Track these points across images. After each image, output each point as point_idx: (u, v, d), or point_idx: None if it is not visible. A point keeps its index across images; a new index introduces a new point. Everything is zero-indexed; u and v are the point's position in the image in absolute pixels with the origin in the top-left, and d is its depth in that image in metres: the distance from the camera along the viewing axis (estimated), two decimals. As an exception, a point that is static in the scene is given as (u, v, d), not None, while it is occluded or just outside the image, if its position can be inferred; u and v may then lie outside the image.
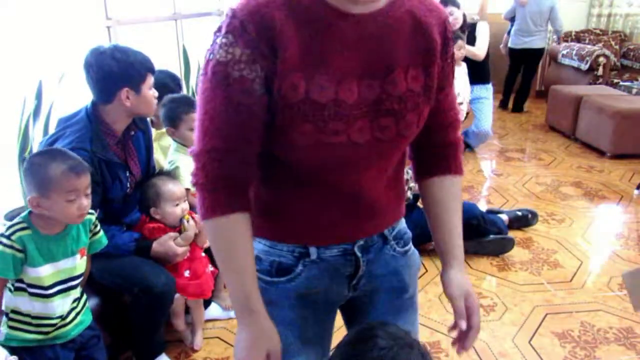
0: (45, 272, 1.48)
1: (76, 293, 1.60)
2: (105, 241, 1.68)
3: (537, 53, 5.65)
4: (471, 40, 4.11)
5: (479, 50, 4.07)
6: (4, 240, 1.43)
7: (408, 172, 1.11)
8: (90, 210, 1.60)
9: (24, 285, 1.49)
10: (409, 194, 2.61)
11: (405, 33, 0.88)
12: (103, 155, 1.77)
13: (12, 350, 1.48)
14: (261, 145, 0.88)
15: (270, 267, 1.00)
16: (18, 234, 1.45)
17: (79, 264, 1.56)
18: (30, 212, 1.48)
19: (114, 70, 1.73)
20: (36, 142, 2.24)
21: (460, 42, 3.85)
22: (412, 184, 2.45)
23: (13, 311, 1.51)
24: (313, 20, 0.83)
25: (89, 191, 1.49)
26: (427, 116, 0.95)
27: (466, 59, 3.95)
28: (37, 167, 1.43)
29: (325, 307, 1.06)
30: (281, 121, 0.85)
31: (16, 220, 1.49)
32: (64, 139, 1.75)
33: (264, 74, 0.82)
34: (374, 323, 0.88)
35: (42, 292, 1.49)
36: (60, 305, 1.53)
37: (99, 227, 1.65)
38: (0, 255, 1.42)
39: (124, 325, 1.95)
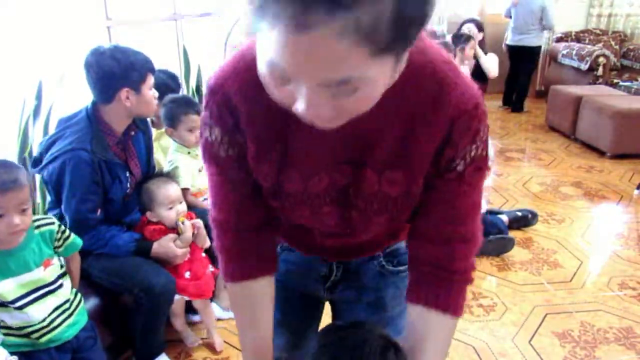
0: (5, 288, 1.43)
1: (64, 296, 1.56)
2: (79, 242, 1.65)
3: (533, 51, 5.68)
4: (478, 74, 4.18)
5: (493, 65, 4.18)
6: None
7: None
8: (51, 220, 1.58)
9: None
10: None
11: (394, 132, 0.74)
12: (103, 155, 1.77)
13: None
14: (265, 209, 0.89)
15: None
16: None
17: (45, 275, 1.51)
18: None
19: (114, 71, 1.73)
20: (36, 142, 2.24)
21: (472, 42, 3.93)
22: None
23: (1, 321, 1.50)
24: (288, 113, 0.69)
25: (25, 207, 1.41)
26: (408, 217, 0.85)
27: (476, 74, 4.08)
28: None
29: (300, 298, 1.08)
30: None
31: None
32: (64, 140, 1.75)
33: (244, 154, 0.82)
34: (340, 323, 0.88)
35: (10, 305, 1.45)
36: (38, 312, 1.49)
37: (67, 233, 1.62)
38: None
39: (124, 325, 1.95)
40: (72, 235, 1.63)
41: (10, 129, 2.32)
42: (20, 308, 1.47)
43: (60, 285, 1.56)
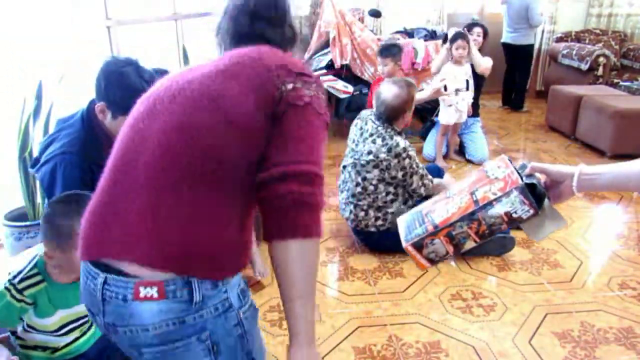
0: (54, 320, 1.44)
1: (83, 311, 1.53)
2: None
3: (526, 49, 5.71)
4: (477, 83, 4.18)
5: (487, 64, 4.14)
6: (16, 295, 1.38)
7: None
8: None
9: (30, 330, 1.44)
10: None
11: None
12: (96, 158, 1.75)
13: (14, 351, 1.47)
14: None
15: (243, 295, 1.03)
16: (31, 290, 1.40)
17: None
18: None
19: (101, 82, 1.67)
20: (36, 142, 2.25)
21: (459, 41, 3.91)
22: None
23: (20, 338, 1.48)
24: None
25: None
26: None
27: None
28: (58, 217, 1.34)
29: None
30: None
31: (30, 270, 1.41)
32: (58, 142, 1.74)
33: None
34: None
35: (50, 334, 1.45)
36: (70, 337, 1.49)
37: None
38: (8, 307, 1.37)
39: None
40: None
41: (10, 129, 2.32)
42: (58, 336, 1.46)
43: None
